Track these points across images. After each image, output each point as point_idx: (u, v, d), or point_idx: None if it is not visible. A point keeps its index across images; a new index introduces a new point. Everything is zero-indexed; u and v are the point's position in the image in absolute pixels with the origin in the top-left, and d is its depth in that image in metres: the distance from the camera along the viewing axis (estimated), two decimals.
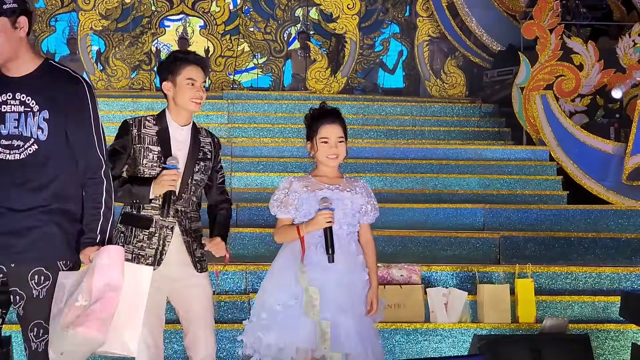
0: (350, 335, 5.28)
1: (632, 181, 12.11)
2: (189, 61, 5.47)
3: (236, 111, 14.59)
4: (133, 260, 5.32)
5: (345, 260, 5.42)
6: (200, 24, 20.11)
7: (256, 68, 20.38)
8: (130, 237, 5.40)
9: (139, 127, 5.45)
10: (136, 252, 5.36)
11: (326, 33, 19.54)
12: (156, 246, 5.37)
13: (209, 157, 5.55)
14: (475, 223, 10.77)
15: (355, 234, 5.56)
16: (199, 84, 5.44)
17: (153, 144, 5.41)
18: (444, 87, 16.65)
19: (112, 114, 14.24)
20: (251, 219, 10.34)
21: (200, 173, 5.48)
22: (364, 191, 5.58)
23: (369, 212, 5.59)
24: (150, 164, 5.39)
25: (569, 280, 9.09)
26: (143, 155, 5.39)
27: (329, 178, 5.57)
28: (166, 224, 5.38)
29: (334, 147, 5.50)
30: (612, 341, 8.35)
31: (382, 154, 12.71)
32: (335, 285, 5.35)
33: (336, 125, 5.55)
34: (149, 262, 5.32)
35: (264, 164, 12.16)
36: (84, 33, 16.70)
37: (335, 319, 5.29)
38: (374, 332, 5.51)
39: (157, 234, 5.37)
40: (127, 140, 5.44)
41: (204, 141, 5.55)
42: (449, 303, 8.34)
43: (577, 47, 13.34)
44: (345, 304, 5.33)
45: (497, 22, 16.07)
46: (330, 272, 5.36)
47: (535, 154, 12.99)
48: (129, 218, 5.46)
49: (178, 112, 5.48)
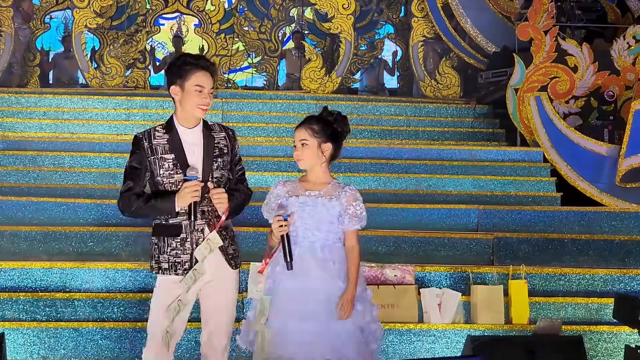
0: (319, 342, 5.27)
1: (626, 183, 12.13)
2: (199, 67, 5.46)
3: (230, 110, 14.58)
4: (170, 268, 5.41)
5: (316, 267, 5.44)
6: (195, 23, 20.09)
7: (250, 67, 20.35)
8: (164, 247, 5.45)
9: (149, 139, 5.46)
10: (172, 260, 5.42)
11: (321, 33, 19.55)
12: (190, 251, 5.40)
13: (226, 152, 5.56)
14: (469, 224, 10.77)
15: (334, 241, 5.56)
16: (207, 91, 5.45)
17: (166, 153, 5.42)
18: (438, 87, 16.65)
19: (106, 112, 14.24)
20: (245, 218, 10.28)
21: (220, 170, 5.49)
22: (347, 198, 5.57)
23: (350, 219, 5.57)
24: (168, 173, 5.41)
25: (562, 281, 9.10)
26: (159, 166, 5.42)
27: (314, 183, 5.62)
28: (196, 227, 5.40)
29: (298, 150, 5.62)
30: (605, 343, 8.35)
31: (376, 154, 12.71)
32: (304, 292, 5.36)
33: (300, 129, 5.66)
34: (186, 268, 5.38)
35: (258, 163, 12.15)
36: (79, 31, 16.67)
37: (302, 325, 5.29)
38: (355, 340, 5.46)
39: (189, 238, 5.41)
40: (141, 155, 5.46)
41: (218, 137, 5.56)
42: (443, 304, 8.34)
43: (571, 49, 13.35)
44: (314, 311, 5.33)
45: (492, 24, 16.08)
46: (299, 279, 5.38)
47: (529, 155, 13.00)
48: (159, 229, 5.49)
49: (185, 116, 5.49)
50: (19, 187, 11.28)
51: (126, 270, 8.55)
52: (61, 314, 8.28)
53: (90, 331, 8.02)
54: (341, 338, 5.35)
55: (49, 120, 13.84)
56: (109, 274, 8.63)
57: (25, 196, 10.69)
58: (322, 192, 5.54)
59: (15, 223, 10.14)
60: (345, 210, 5.55)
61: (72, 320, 8.21)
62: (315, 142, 5.59)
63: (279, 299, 5.42)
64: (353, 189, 5.64)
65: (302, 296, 5.35)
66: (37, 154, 12.20)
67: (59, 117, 13.98)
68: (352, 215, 5.57)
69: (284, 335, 5.30)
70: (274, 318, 5.38)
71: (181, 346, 7.77)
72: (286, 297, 5.38)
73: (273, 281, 5.50)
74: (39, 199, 10.53)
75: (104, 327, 8.06)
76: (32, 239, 9.71)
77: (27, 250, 9.60)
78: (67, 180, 11.57)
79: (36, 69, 18.22)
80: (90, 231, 9.79)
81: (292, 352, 5.29)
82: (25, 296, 8.34)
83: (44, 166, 11.94)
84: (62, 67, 18.04)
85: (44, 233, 9.76)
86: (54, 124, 13.76)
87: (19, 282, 8.61)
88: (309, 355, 5.25)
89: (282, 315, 5.35)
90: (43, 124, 13.74)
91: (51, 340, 7.98)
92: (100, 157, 12.08)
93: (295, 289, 5.36)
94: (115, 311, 8.28)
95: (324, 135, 5.61)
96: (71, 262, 8.90)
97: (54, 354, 7.97)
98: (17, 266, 8.68)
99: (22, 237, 9.71)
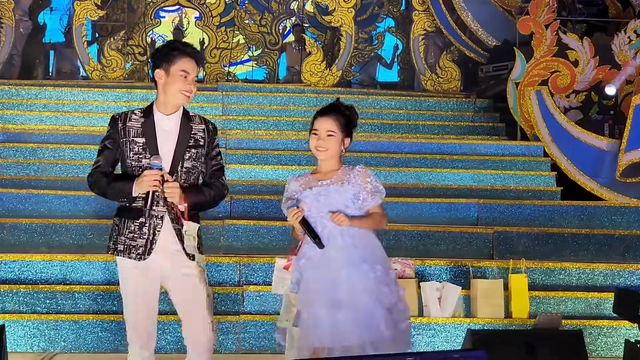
0: (348, 329, 5.27)
1: (626, 178, 12.12)
2: (186, 53, 5.46)
3: (231, 103, 14.56)
4: (125, 251, 5.39)
5: (337, 254, 5.42)
6: (195, 16, 20.07)
7: (251, 60, 20.34)
8: (123, 229, 5.42)
9: (125, 121, 5.45)
10: (127, 242, 5.38)
11: (321, 26, 19.54)
12: (147, 236, 5.37)
13: (202, 144, 5.50)
14: (469, 218, 10.78)
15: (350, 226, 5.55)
16: (192, 77, 5.44)
17: (137, 136, 5.40)
18: (439, 81, 16.64)
19: (107, 105, 14.22)
20: (245, 211, 10.34)
21: (192, 160, 5.44)
22: (358, 177, 5.56)
23: (367, 198, 5.57)
24: (137, 157, 5.38)
25: (562, 276, 9.11)
26: (129, 148, 5.39)
27: (323, 173, 5.60)
28: (156, 214, 5.37)
29: (322, 139, 5.54)
30: (605, 337, 8.38)
31: (377, 147, 12.71)
32: (330, 281, 5.35)
33: (327, 118, 5.59)
34: (140, 252, 5.36)
35: (258, 156, 12.15)
36: (79, 23, 16.65)
37: (331, 314, 5.28)
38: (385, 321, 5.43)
39: (148, 223, 5.37)
40: (113, 134, 5.45)
41: (196, 128, 5.51)
42: (443, 297, 8.36)
43: (572, 43, 13.34)
44: (341, 299, 5.32)
45: (493, 17, 16.05)
46: (322, 269, 5.37)
47: (529, 149, 13.00)
48: (121, 211, 5.48)
49: (165, 101, 5.47)
50: (19, 180, 11.28)
51: None
52: (61, 306, 8.30)
53: (90, 323, 8.04)
54: (371, 321, 5.34)
55: (49, 112, 13.84)
56: (109, 267, 8.64)
57: (26, 188, 10.69)
58: (333, 179, 5.54)
59: (15, 215, 10.15)
60: (364, 188, 5.55)
61: (72, 312, 8.23)
62: (340, 135, 5.58)
63: (306, 290, 5.40)
64: (362, 167, 5.65)
65: (328, 285, 5.33)
66: (38, 146, 12.19)
67: (60, 110, 13.97)
68: (371, 191, 5.57)
69: (314, 326, 5.29)
70: (303, 309, 5.37)
71: (168, 340, 7.82)
72: (313, 288, 5.37)
73: (300, 274, 5.48)
74: (39, 192, 10.53)
75: (104, 319, 8.08)
76: (33, 231, 9.71)
77: (27, 243, 9.61)
78: (67, 172, 11.56)
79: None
80: (91, 224, 9.79)
81: (324, 341, 5.28)
82: (26, 288, 8.36)
83: (44, 158, 11.94)
84: (65, 58, 18.03)
85: (44, 225, 9.77)
86: (55, 116, 13.75)
87: (19, 275, 8.62)
88: (342, 342, 5.25)
89: (310, 306, 5.34)
90: (43, 116, 13.73)
91: (51, 332, 8.00)
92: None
93: (320, 279, 5.35)
94: (115, 303, 8.29)
95: (346, 129, 5.62)
96: (71, 254, 8.92)
97: (54, 346, 7.98)
98: (18, 258, 8.69)
99: (22, 230, 9.72)
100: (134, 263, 5.39)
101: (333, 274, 5.36)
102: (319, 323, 5.29)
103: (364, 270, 5.43)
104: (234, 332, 8.10)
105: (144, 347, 5.46)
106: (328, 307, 5.30)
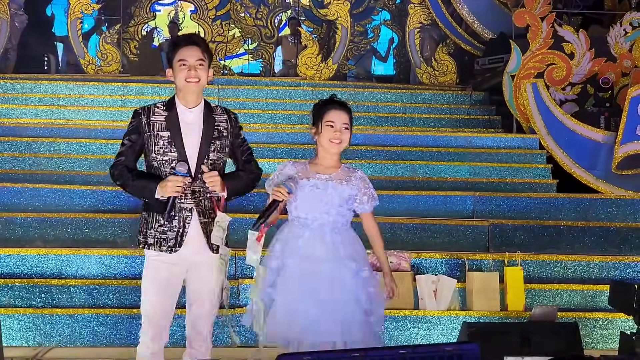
0: (330, 326, 5.27)
1: (622, 170, 12.12)
2: (179, 44, 5.52)
3: (226, 97, 14.54)
4: (155, 244, 5.43)
5: (326, 249, 5.43)
6: (191, 9, 20.05)
7: (247, 54, 20.34)
8: (152, 222, 5.46)
9: (148, 115, 5.49)
10: (158, 236, 5.43)
11: (317, 19, 19.52)
12: (177, 229, 5.41)
13: (225, 135, 5.57)
14: (465, 211, 10.78)
15: (342, 224, 5.55)
16: (192, 63, 5.45)
17: (162, 130, 5.44)
18: (434, 74, 16.62)
19: (102, 98, 14.20)
20: (241, 204, 10.31)
21: (217, 152, 5.49)
22: (359, 182, 5.60)
23: (365, 202, 5.62)
24: (162, 150, 5.42)
25: (558, 268, 9.12)
26: (154, 142, 5.43)
27: (325, 167, 5.59)
28: (185, 207, 5.42)
29: (339, 131, 5.53)
30: (600, 330, 8.39)
31: (373, 140, 12.70)
32: (313, 275, 5.35)
33: (343, 112, 5.62)
34: (170, 245, 5.40)
35: (254, 150, 11.99)
36: (74, 17, 16.61)
37: (310, 307, 5.28)
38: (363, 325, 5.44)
39: (177, 216, 5.41)
40: (137, 129, 5.48)
41: (218, 119, 5.57)
42: (438, 290, 8.36)
43: (568, 36, 13.34)
44: (323, 294, 5.32)
45: (489, 10, 16.03)
46: (308, 263, 5.37)
47: (525, 142, 12.99)
48: (149, 204, 5.49)
49: (183, 95, 5.52)
50: (14, 174, 11.26)
51: (122, 257, 8.56)
52: (57, 300, 8.30)
53: (86, 317, 8.04)
54: (348, 321, 5.34)
55: (44, 106, 13.82)
56: (105, 261, 8.64)
57: (21, 183, 10.67)
58: (333, 175, 5.54)
59: (10, 209, 10.13)
60: (364, 193, 5.60)
61: (67, 306, 8.22)
62: (350, 129, 5.59)
63: (287, 279, 5.39)
64: (363, 172, 5.70)
65: (310, 279, 5.34)
66: (33, 141, 12.17)
67: (55, 104, 13.96)
68: (370, 197, 5.64)
69: (292, 316, 5.29)
70: (280, 296, 5.36)
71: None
72: (294, 278, 5.36)
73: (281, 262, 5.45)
74: (34, 186, 10.51)
75: (99, 313, 8.08)
76: (28, 225, 9.70)
77: (22, 237, 9.60)
78: (62, 166, 11.55)
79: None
80: (86, 217, 9.78)
81: (299, 333, 5.28)
82: (21, 282, 8.35)
83: (40, 153, 11.92)
84: (71, 50, 17.99)
85: (40, 219, 9.75)
86: (50, 110, 13.73)
87: (15, 269, 8.61)
88: (316, 337, 5.25)
89: (290, 294, 5.33)
90: (38, 110, 13.72)
91: (47, 326, 8.00)
92: (96, 144, 12.06)
93: (304, 271, 5.35)
94: (110, 297, 8.29)
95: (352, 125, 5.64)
96: (67, 248, 8.92)
97: (49, 340, 7.98)
98: (13, 252, 8.69)
99: (18, 224, 9.71)
100: (164, 256, 5.43)
101: (315, 268, 5.36)
102: (297, 314, 5.29)
103: (350, 269, 5.44)
104: (230, 325, 8.09)
105: (155, 340, 5.48)
106: (305, 299, 5.30)
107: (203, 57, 5.49)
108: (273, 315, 5.34)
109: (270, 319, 5.35)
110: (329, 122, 5.54)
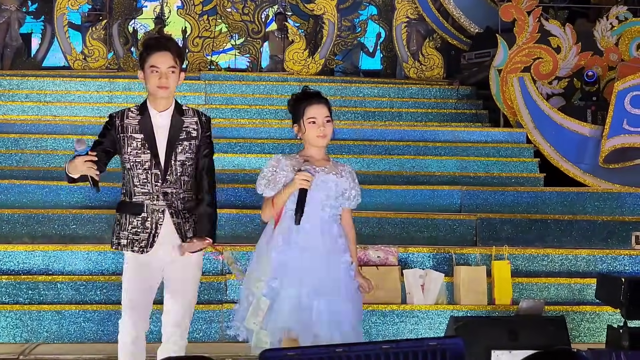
0: (321, 318, 5.26)
1: (609, 164, 12.16)
2: (151, 48, 5.52)
3: (213, 92, 14.55)
4: (128, 245, 5.49)
5: (325, 242, 5.43)
6: (177, 4, 19.98)
7: (234, 49, 20.28)
8: (126, 224, 5.51)
9: (122, 118, 5.54)
10: (130, 237, 5.49)
11: (304, 14, 19.48)
12: (149, 230, 5.46)
13: (194, 136, 5.56)
14: (452, 205, 10.79)
15: (337, 217, 5.56)
16: (163, 70, 5.45)
17: (136, 132, 5.48)
18: (421, 69, 16.62)
19: (89, 94, 14.18)
20: (228, 200, 10.31)
21: (185, 153, 5.51)
22: (349, 176, 5.60)
23: (352, 198, 5.61)
24: (135, 152, 5.46)
25: (545, 262, 9.12)
26: (127, 144, 5.47)
27: (316, 160, 5.56)
28: (157, 208, 5.47)
29: (322, 126, 5.51)
30: (587, 323, 8.40)
31: (360, 135, 12.70)
32: (313, 266, 5.34)
33: (322, 105, 5.57)
34: (142, 246, 5.45)
35: (241, 145, 12.13)
36: (61, 12, 16.56)
37: (310, 300, 5.28)
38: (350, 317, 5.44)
39: (150, 218, 5.46)
40: (110, 132, 5.53)
41: (188, 121, 5.57)
42: (426, 285, 8.37)
43: (554, 30, 13.36)
44: (321, 286, 5.32)
45: (475, 4, 16.06)
46: (308, 253, 5.36)
47: (512, 136, 13.01)
48: (122, 206, 5.57)
49: (153, 99, 5.55)
50: (1, 170, 11.23)
51: (109, 253, 8.53)
52: (44, 296, 8.27)
53: (73, 314, 8.02)
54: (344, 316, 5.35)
55: (31, 102, 13.79)
56: (92, 257, 8.62)
57: (8, 179, 10.64)
58: (327, 168, 5.53)
59: None
60: (352, 187, 5.59)
61: (54, 303, 8.20)
62: (331, 120, 5.58)
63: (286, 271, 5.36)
64: (351, 168, 5.70)
65: (310, 273, 5.33)
66: (20, 137, 12.14)
67: (42, 100, 13.93)
68: (357, 193, 5.64)
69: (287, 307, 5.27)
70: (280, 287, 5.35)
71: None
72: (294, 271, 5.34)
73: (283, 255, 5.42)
74: (21, 182, 10.49)
75: (86, 309, 8.06)
76: (15, 221, 9.68)
77: (9, 233, 9.58)
78: (49, 162, 11.53)
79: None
80: (73, 214, 9.76)
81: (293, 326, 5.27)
82: (8, 279, 8.33)
83: (27, 149, 11.90)
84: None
85: (27, 216, 9.73)
86: (37, 106, 13.71)
87: (1, 265, 8.58)
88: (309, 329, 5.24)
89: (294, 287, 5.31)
90: (25, 106, 13.69)
91: (34, 323, 7.98)
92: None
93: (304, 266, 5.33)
94: (97, 294, 8.28)
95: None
96: (54, 244, 8.90)
97: (36, 336, 7.96)
98: (0, 249, 8.66)
99: (5, 220, 9.68)
100: (137, 256, 5.48)
101: (314, 263, 5.35)
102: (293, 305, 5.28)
103: (345, 260, 5.45)
104: (217, 320, 8.09)
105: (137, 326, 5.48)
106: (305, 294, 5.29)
107: (174, 64, 5.49)
108: (279, 309, 5.32)
109: (276, 313, 5.32)
110: (310, 119, 5.50)
